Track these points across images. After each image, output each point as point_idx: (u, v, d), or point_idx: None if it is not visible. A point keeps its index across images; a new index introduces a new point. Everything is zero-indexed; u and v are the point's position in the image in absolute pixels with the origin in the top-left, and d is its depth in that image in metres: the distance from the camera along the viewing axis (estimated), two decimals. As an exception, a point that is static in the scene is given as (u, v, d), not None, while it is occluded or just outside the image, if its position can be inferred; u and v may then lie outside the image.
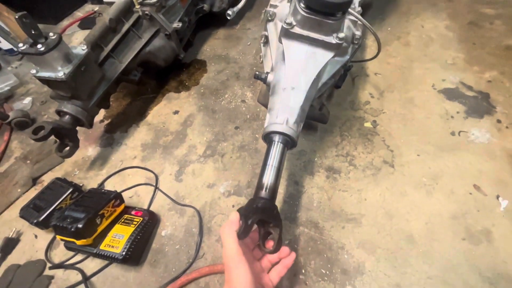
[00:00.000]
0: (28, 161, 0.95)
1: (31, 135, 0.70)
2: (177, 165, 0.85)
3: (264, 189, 0.49)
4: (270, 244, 0.49)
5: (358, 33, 0.71)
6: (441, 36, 1.07)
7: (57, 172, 0.90)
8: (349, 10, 0.59)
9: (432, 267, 0.58)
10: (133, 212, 0.70)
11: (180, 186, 0.81)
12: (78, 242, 0.60)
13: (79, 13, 1.79)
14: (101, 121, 1.03)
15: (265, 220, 0.48)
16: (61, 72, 0.69)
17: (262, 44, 0.81)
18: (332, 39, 0.54)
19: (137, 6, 0.92)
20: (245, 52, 1.21)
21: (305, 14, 0.52)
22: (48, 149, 0.97)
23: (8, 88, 1.23)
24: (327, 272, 0.60)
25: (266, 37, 0.78)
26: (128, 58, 0.92)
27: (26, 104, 1.19)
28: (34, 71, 0.70)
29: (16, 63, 1.47)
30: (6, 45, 1.49)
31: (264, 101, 0.77)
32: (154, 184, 0.81)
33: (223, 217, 0.72)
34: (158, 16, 0.96)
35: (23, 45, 0.66)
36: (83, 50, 0.74)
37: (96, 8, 1.78)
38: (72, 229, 0.58)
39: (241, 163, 0.82)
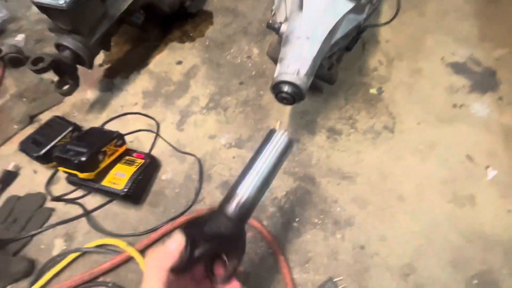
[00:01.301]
0: (24, 99, 0.93)
1: (30, 66, 0.67)
2: (179, 115, 0.85)
3: (235, 204, 0.35)
4: (219, 270, 0.36)
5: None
6: (458, 9, 1.04)
7: (56, 112, 0.88)
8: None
9: (417, 224, 0.63)
10: (134, 155, 0.71)
11: (181, 135, 0.81)
12: (81, 175, 0.61)
13: None
14: (100, 65, 0.99)
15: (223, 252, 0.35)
16: (62, 0, 0.64)
17: (275, -5, 0.77)
18: (354, -13, 0.52)
19: None
20: (255, 6, 1.15)
21: (330, -44, 0.49)
22: (45, 88, 0.94)
23: (-1, 21, 1.15)
24: (319, 222, 0.64)
25: (281, -13, 0.74)
26: (131, -3, 0.86)
27: (19, 41, 1.12)
28: (32, -4, 0.65)
29: (5, -4, 1.36)
30: (-6, -25, 1.37)
31: (274, 55, 0.75)
32: (155, 131, 0.81)
33: (223, 167, 0.74)
34: (165, -46, 0.89)
35: (21, -36, 0.61)
36: (85, -21, 0.69)
37: None
38: (76, 161, 0.58)
39: (244, 118, 0.82)
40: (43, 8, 0.66)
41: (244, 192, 0.35)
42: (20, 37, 1.14)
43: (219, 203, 0.37)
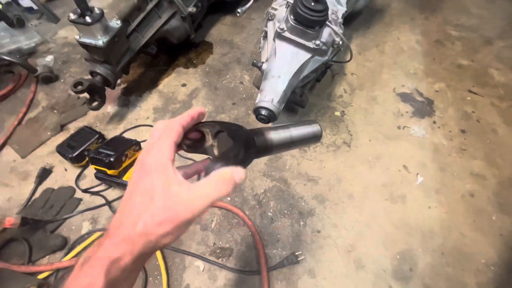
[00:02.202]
0: (55, 111, 1.13)
1: (72, 88, 0.88)
2: (183, 128, 1.05)
3: (261, 136, 0.38)
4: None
5: (337, 39, 0.91)
6: (411, 48, 1.29)
7: (81, 123, 1.09)
8: (328, 24, 0.79)
9: (361, 215, 0.83)
10: (147, 158, 0.91)
11: (184, 144, 1.01)
12: (109, 172, 0.81)
13: (95, -20, 1.88)
14: (118, 84, 1.21)
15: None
16: (100, 41, 0.86)
17: (262, 38, 1.00)
18: (311, 44, 0.75)
19: (161, -10, 1.08)
20: (248, 40, 1.39)
21: (293, 24, 0.72)
22: (72, 102, 1.15)
23: (33, 45, 1.37)
24: (288, 213, 0.84)
25: (266, 33, 0.97)
26: (149, 33, 1.09)
27: (49, 61, 1.34)
28: (77, 37, 0.87)
29: (35, 21, 1.59)
30: (26, 3, 1.60)
31: (258, 84, 0.97)
32: (163, 140, 1.01)
33: (216, 170, 0.94)
34: (177, 0, 1.13)
35: (73, 15, 0.83)
36: (117, 24, 0.91)
37: (112, -23, 1.88)
38: (106, 161, 0.78)
39: (234, 132, 1.03)
40: (85, 46, 0.88)
41: (274, 137, 0.39)
42: (49, 58, 1.35)
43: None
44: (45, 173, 0.95)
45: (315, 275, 0.74)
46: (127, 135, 1.04)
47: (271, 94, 0.79)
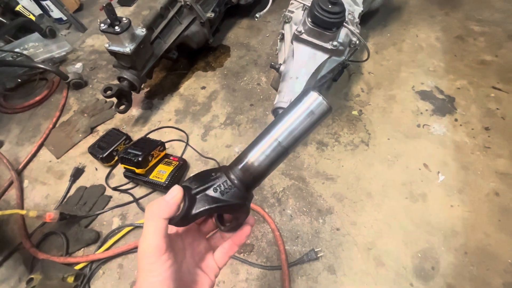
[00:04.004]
0: (85, 114, 1.21)
1: (102, 92, 0.95)
2: (203, 129, 1.10)
3: (242, 168, 0.32)
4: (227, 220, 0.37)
5: (354, 39, 0.92)
6: (430, 45, 1.27)
7: (109, 125, 1.16)
8: (345, 24, 0.80)
9: (380, 213, 0.83)
10: (171, 157, 0.96)
11: (205, 144, 1.06)
12: (137, 171, 0.87)
13: (118, -10, 1.98)
14: (142, 88, 1.27)
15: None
16: (127, 48, 0.92)
17: (279, 40, 1.03)
18: (328, 45, 0.77)
19: (181, -3, 1.13)
20: (264, 42, 1.42)
21: (311, 26, 0.74)
22: (101, 106, 1.23)
23: (64, 53, 1.47)
24: (307, 210, 0.86)
25: (283, 35, 1.00)
26: (171, 39, 1.14)
27: (78, 68, 1.43)
28: (107, 45, 0.94)
29: (64, 31, 1.70)
30: (56, 15, 1.72)
31: (275, 86, 1.00)
32: (186, 141, 1.06)
33: (236, 169, 0.97)
34: (196, 7, 1.18)
35: (104, 25, 0.89)
36: (142, 32, 0.97)
37: (134, -14, 1.97)
38: (135, 160, 0.84)
39: (253, 132, 1.07)
40: (113, 53, 0.94)
41: (253, 156, 0.32)
42: (78, 65, 1.45)
43: (230, 163, 0.34)
44: (78, 172, 1.02)
45: (335, 271, 0.75)
46: (151, 136, 1.10)
47: (289, 95, 0.81)
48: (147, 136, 1.04)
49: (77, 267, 0.80)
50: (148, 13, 1.06)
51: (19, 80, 1.36)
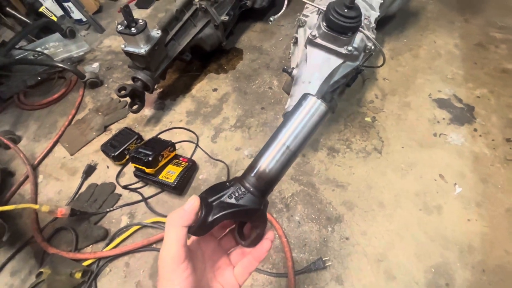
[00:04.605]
0: (100, 113, 1.23)
1: (116, 92, 0.97)
2: (213, 131, 1.10)
3: (254, 175, 0.34)
4: (247, 234, 0.38)
5: (369, 44, 0.90)
6: (448, 52, 1.23)
7: (122, 124, 1.18)
8: (361, 29, 0.78)
9: (392, 224, 0.81)
10: (181, 158, 0.96)
11: (214, 146, 1.06)
12: (147, 170, 0.87)
13: (136, -7, 2.04)
14: (155, 89, 1.29)
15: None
16: (143, 49, 0.94)
17: (292, 44, 1.02)
18: (343, 50, 0.75)
19: (197, 0, 1.15)
20: (277, 46, 1.42)
21: (326, 31, 0.73)
22: (115, 105, 1.25)
23: (82, 53, 1.51)
24: (315, 218, 0.84)
25: (296, 39, 0.99)
26: (185, 41, 1.16)
27: (95, 68, 1.47)
28: (123, 46, 0.95)
29: (83, 31, 1.75)
30: (76, 16, 1.78)
31: (287, 90, 0.99)
32: (195, 142, 1.07)
33: (245, 172, 0.97)
34: (211, 10, 1.19)
35: (121, 27, 0.91)
36: (157, 34, 0.99)
37: (151, -10, 2.02)
38: (145, 160, 0.84)
39: (263, 135, 1.06)
40: (129, 54, 0.96)
41: (265, 163, 0.33)
42: (95, 65, 1.49)
43: (243, 172, 0.35)
44: (90, 169, 1.04)
45: (343, 282, 0.73)
46: (162, 136, 1.11)
47: (301, 99, 0.80)
48: (158, 137, 1.05)
49: (85, 263, 0.81)
50: (163, 16, 1.08)
51: (39, 78, 1.40)
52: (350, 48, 0.75)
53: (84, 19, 1.75)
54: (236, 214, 0.32)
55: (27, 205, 0.76)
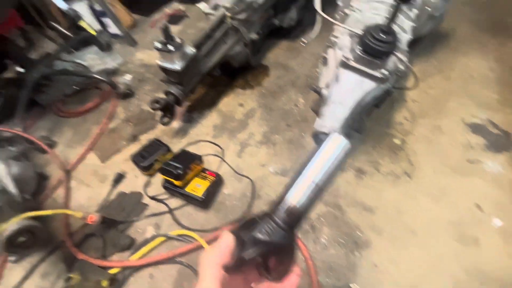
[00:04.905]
0: (130, 123, 1.29)
1: (150, 105, 1.01)
2: (239, 146, 1.12)
3: (285, 211, 0.34)
4: (272, 268, 0.37)
5: (401, 67, 0.89)
6: (482, 76, 1.19)
7: (151, 135, 1.22)
8: (394, 53, 0.78)
9: (425, 254, 0.77)
10: (207, 172, 0.98)
11: (240, 161, 1.07)
12: (176, 183, 0.89)
13: (167, 10, 2.15)
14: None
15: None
16: (178, 65, 0.98)
17: (320, 63, 1.04)
18: (377, 74, 0.75)
19: (229, 20, 1.20)
20: (303, 64, 1.43)
21: (360, 54, 0.74)
22: (145, 116, 1.30)
23: (116, 65, 1.60)
24: (342, 241, 0.82)
25: (325, 59, 1.00)
26: (216, 58, 1.20)
27: (128, 80, 1.54)
28: (159, 61, 1.00)
29: (118, 45, 1.86)
30: (113, 30, 1.90)
31: (315, 108, 0.99)
32: (221, 156, 1.08)
33: (270, 189, 0.97)
34: (242, 29, 1.23)
35: (158, 44, 0.96)
36: (192, 51, 1.03)
37: (182, 7, 2.13)
38: (175, 173, 0.87)
39: (289, 153, 1.06)
40: (164, 69, 1.01)
41: (294, 199, 0.34)
42: (128, 76, 1.57)
43: (270, 206, 0.36)
44: (119, 178, 1.07)
45: (372, 313, 0.70)
46: (189, 148, 1.13)
47: (332, 120, 0.80)
48: (187, 150, 1.07)
49: (111, 271, 0.82)
50: (197, 33, 1.13)
51: (76, 88, 1.49)
52: (384, 71, 0.75)
53: (120, 33, 1.87)
54: (269, 250, 0.33)
55: (63, 210, 0.79)
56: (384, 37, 0.69)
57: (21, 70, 1.45)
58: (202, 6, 2.09)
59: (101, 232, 0.92)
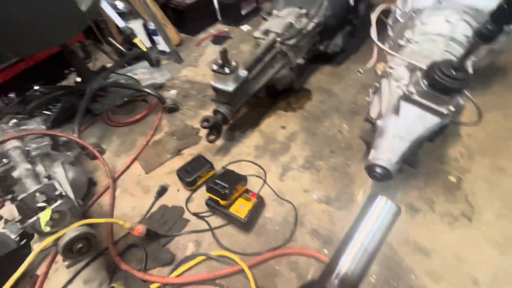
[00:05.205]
0: (174, 137, 1.33)
1: (200, 123, 1.04)
2: (281, 168, 1.11)
3: (337, 278, 0.33)
4: None
5: (461, 101, 0.85)
6: (548, 115, 1.11)
7: (193, 150, 1.25)
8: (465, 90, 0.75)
9: (492, 311, 0.69)
10: (250, 193, 0.97)
11: (282, 185, 1.05)
12: (221, 202, 0.89)
13: (212, 30, 2.27)
14: (226, 120, 1.36)
15: None
16: (230, 87, 1.01)
17: (372, 92, 1.02)
18: (444, 110, 0.72)
19: (278, 45, 1.23)
20: (347, 89, 1.42)
21: (426, 89, 0.72)
22: (189, 131, 1.34)
23: (164, 81, 1.69)
24: (395, 284, 0.76)
25: (377, 88, 0.99)
26: (263, 81, 1.23)
27: (173, 94, 1.62)
28: (213, 82, 1.05)
29: (165, 61, 1.97)
30: (162, 47, 2.03)
31: (366, 138, 0.97)
32: (263, 178, 1.08)
33: (314, 217, 0.94)
34: (290, 53, 1.26)
35: (215, 66, 1.00)
36: (244, 73, 1.06)
37: (226, 28, 2.24)
38: (222, 192, 0.87)
39: (333, 180, 1.03)
40: (216, 89, 1.05)
41: (347, 266, 0.33)
42: (173, 92, 1.64)
43: (320, 274, 0.34)
44: (163, 190, 1.10)
45: None
46: (230, 167, 1.14)
47: (388, 153, 0.77)
48: (233, 170, 1.08)
49: (152, 286, 0.82)
50: (249, 57, 1.17)
51: (126, 99, 1.59)
52: (451, 108, 0.72)
53: (168, 50, 1.99)
54: None
55: (115, 220, 0.81)
56: (456, 74, 0.67)
57: (79, 80, 1.59)
58: (246, 28, 2.19)
59: (143, 244, 0.93)
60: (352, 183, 1.01)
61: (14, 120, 1.09)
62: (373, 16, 1.03)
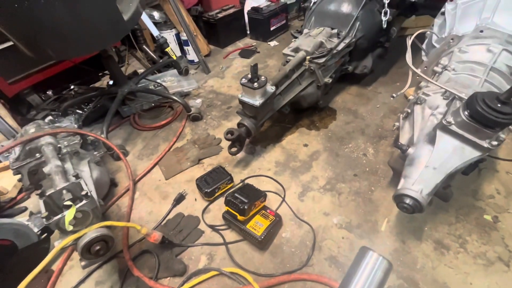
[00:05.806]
0: (196, 145, 1.35)
1: (225, 135, 1.04)
2: (301, 188, 1.08)
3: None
4: None
5: (503, 136, 0.80)
6: None
7: (214, 160, 1.25)
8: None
9: None
10: (268, 211, 0.95)
11: (301, 205, 1.02)
12: (239, 217, 0.88)
13: (240, 44, 2.33)
14: (248, 133, 1.36)
15: None
16: (257, 101, 1.02)
17: (402, 118, 0.98)
18: (484, 143, 0.68)
19: (307, 62, 1.23)
20: (373, 112, 1.39)
21: (466, 120, 0.68)
22: (210, 141, 1.35)
23: (191, 89, 1.74)
24: (419, 328, 0.70)
25: (408, 114, 0.95)
26: (289, 97, 1.22)
27: (198, 103, 1.65)
28: (240, 95, 1.05)
29: (193, 70, 2.03)
30: (191, 57, 2.10)
31: (395, 166, 0.93)
32: (282, 196, 1.05)
33: (333, 243, 0.89)
34: (318, 72, 1.25)
35: (245, 80, 1.01)
36: (271, 89, 1.07)
37: (254, 43, 2.29)
38: (241, 207, 0.85)
39: (355, 206, 0.99)
40: (243, 103, 1.05)
41: None
42: (198, 100, 1.68)
43: None
44: (180, 198, 1.10)
45: None
46: (249, 181, 1.13)
47: (420, 184, 0.73)
48: (252, 184, 1.06)
49: (162, 297, 0.81)
50: (277, 73, 1.17)
51: (153, 104, 1.64)
52: (494, 142, 0.67)
53: (196, 60, 2.05)
54: None
55: (133, 224, 0.82)
56: (502, 107, 0.62)
57: (111, 82, 1.66)
58: (273, 44, 2.22)
59: (157, 251, 0.92)
60: (376, 211, 0.96)
61: (50, 117, 1.15)
62: (409, 41, 1.01)
